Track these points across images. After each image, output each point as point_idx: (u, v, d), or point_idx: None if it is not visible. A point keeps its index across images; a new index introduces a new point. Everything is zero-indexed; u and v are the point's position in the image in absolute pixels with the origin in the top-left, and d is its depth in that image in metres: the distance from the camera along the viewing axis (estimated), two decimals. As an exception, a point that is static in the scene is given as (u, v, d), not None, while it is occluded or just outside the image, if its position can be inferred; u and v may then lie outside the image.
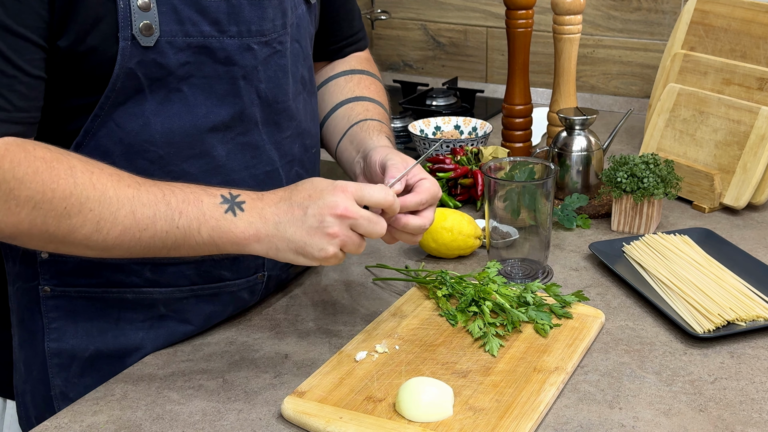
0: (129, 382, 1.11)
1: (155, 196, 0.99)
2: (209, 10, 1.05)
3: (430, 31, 2.41)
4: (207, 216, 1.00)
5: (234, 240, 1.01)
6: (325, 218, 1.00)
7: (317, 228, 1.00)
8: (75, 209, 0.96)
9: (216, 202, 1.01)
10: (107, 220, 0.97)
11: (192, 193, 1.01)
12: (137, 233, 0.99)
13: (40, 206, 0.94)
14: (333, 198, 1.00)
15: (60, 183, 0.95)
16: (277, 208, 1.02)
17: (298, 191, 1.03)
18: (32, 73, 0.97)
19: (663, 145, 1.66)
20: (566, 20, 1.60)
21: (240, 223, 1.01)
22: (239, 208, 1.01)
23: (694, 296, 1.22)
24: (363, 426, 0.98)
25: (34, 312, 1.15)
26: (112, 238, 0.98)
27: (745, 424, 1.00)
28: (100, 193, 0.97)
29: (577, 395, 1.06)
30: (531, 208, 1.29)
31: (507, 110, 1.72)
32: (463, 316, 1.19)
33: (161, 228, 0.99)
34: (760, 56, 1.62)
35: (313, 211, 1.00)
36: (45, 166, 0.95)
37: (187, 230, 1.00)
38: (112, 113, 1.05)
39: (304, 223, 1.00)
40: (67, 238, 0.97)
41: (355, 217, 1.00)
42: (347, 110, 1.31)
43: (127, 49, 1.01)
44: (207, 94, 1.08)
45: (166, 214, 0.99)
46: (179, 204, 1.00)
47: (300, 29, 1.19)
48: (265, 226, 1.01)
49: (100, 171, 0.98)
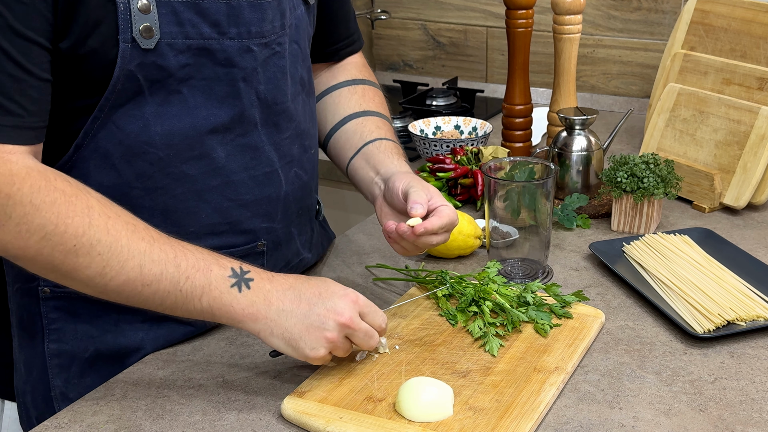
0: (129, 382, 1.11)
1: (166, 255, 0.98)
2: (209, 12, 1.05)
3: (430, 31, 2.41)
4: (212, 286, 1.00)
5: (232, 315, 1.01)
6: (328, 321, 1.01)
7: (317, 328, 1.00)
8: (84, 249, 0.94)
9: (225, 275, 1.00)
10: (113, 267, 0.96)
11: (203, 260, 1.00)
12: (140, 287, 0.98)
13: (50, 237, 0.93)
14: (342, 304, 1.01)
15: (75, 219, 0.94)
16: (284, 296, 1.02)
17: (309, 286, 1.03)
18: (41, 76, 0.97)
19: (663, 145, 1.66)
20: (566, 20, 1.60)
21: (243, 299, 1.00)
22: (246, 285, 1.01)
23: (694, 296, 1.22)
24: (363, 426, 0.98)
25: (33, 313, 1.15)
26: (114, 285, 0.97)
27: (745, 424, 1.00)
28: (112, 239, 0.96)
29: (577, 395, 1.06)
30: (531, 208, 1.29)
31: (507, 110, 1.72)
32: (463, 316, 1.19)
33: (164, 288, 0.98)
34: (760, 56, 1.62)
35: (318, 310, 1.01)
36: (63, 199, 0.94)
37: (189, 295, 0.99)
38: (111, 115, 1.05)
39: (306, 318, 1.01)
40: (69, 275, 0.96)
41: (356, 329, 1.02)
42: (358, 126, 1.31)
43: (127, 52, 1.01)
44: (207, 96, 1.08)
45: (173, 275, 0.98)
46: (188, 269, 0.99)
47: (299, 30, 1.19)
48: (267, 309, 1.01)
49: (117, 217, 0.97)
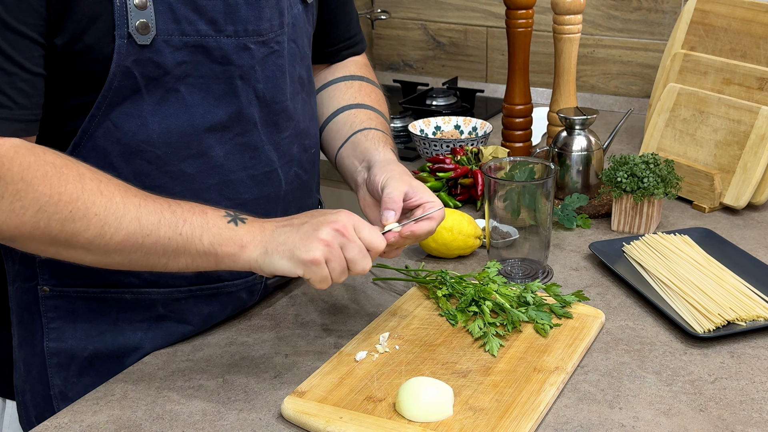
0: (129, 382, 1.11)
1: (161, 205, 1.01)
2: (206, 10, 1.05)
3: (430, 30, 2.41)
4: (210, 224, 1.01)
5: (232, 247, 1.01)
6: (321, 227, 1.01)
7: (311, 233, 1.00)
8: (80, 213, 0.96)
9: (220, 215, 1.03)
10: (111, 225, 0.97)
11: (198, 205, 1.03)
12: (140, 239, 0.99)
13: (45, 209, 0.95)
14: (335, 216, 1.02)
15: (68, 187, 0.96)
16: (277, 223, 1.04)
17: (302, 215, 1.06)
18: (33, 70, 0.97)
19: (663, 145, 1.66)
20: (566, 20, 1.60)
21: (240, 230, 1.02)
22: (241, 221, 1.03)
23: (694, 296, 1.22)
24: (363, 426, 0.98)
25: (33, 312, 1.15)
26: (115, 243, 0.98)
27: (745, 424, 0.99)
28: (107, 199, 0.97)
29: (577, 395, 1.06)
30: (531, 208, 1.29)
31: (507, 110, 1.72)
32: (463, 316, 1.19)
33: (164, 234, 1.00)
34: (760, 56, 1.62)
35: (311, 223, 1.02)
36: (54, 171, 0.95)
37: (189, 237, 1.00)
38: (109, 113, 1.05)
39: (298, 231, 1.01)
40: (69, 242, 0.97)
41: (350, 238, 1.01)
42: (349, 116, 1.30)
43: (123, 48, 1.01)
44: (204, 94, 1.08)
45: (170, 220, 1.00)
46: (184, 213, 1.01)
47: (296, 29, 1.19)
48: (263, 234, 1.02)
49: (108, 180, 0.99)
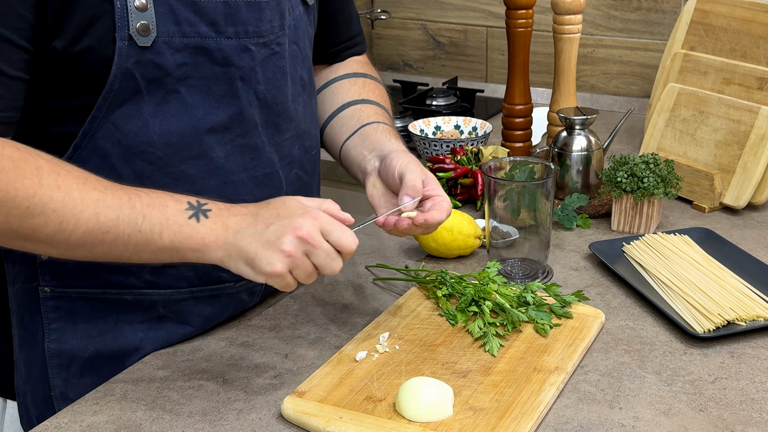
0: (129, 382, 1.11)
1: (120, 200, 0.98)
2: (206, 11, 1.05)
3: (430, 30, 2.41)
4: (170, 221, 0.99)
5: (194, 246, 0.99)
6: (284, 236, 0.98)
7: (273, 243, 0.98)
8: (38, 209, 0.94)
9: (181, 208, 1.00)
10: (70, 221, 0.95)
11: (158, 198, 1.00)
12: (100, 236, 0.97)
13: (3, 205, 0.93)
14: (300, 220, 0.99)
15: (25, 182, 0.93)
16: (242, 219, 1.00)
17: (268, 208, 1.02)
18: (9, 73, 0.96)
19: (663, 145, 1.66)
20: (566, 20, 1.60)
21: (202, 229, 0.99)
22: (204, 215, 1.00)
23: (694, 296, 1.22)
24: (363, 426, 0.98)
25: (33, 313, 1.15)
26: (76, 239, 0.97)
27: (745, 424, 1.00)
28: (64, 194, 0.95)
29: (577, 395, 1.06)
30: (531, 208, 1.29)
31: (507, 110, 1.72)
32: (463, 316, 1.19)
33: (123, 231, 0.97)
34: (760, 56, 1.62)
35: (275, 228, 0.99)
36: (11, 165, 0.93)
37: (149, 234, 0.98)
38: (109, 115, 1.05)
39: (261, 236, 0.98)
40: (30, 237, 0.96)
41: (315, 245, 0.98)
42: (356, 111, 1.30)
43: (124, 49, 1.01)
44: (205, 96, 1.08)
45: (129, 217, 0.97)
46: (144, 208, 0.98)
47: (298, 30, 1.19)
48: (225, 233, 0.99)
49: (67, 173, 0.97)
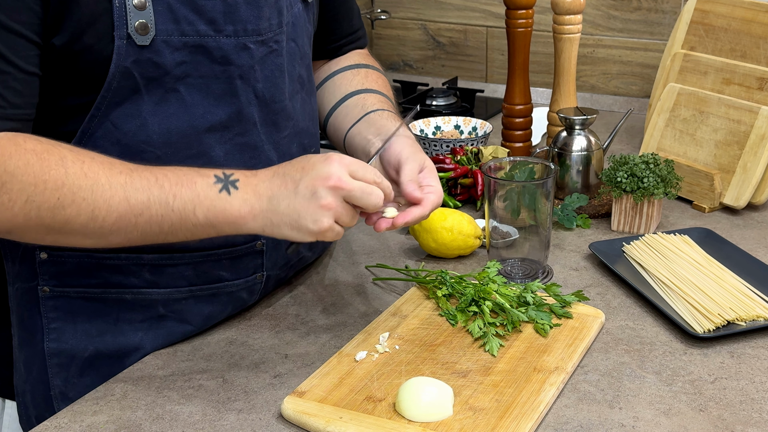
0: (129, 382, 1.11)
1: (148, 181, 0.98)
2: (205, 10, 1.05)
3: (430, 30, 2.41)
4: (201, 197, 0.99)
5: (230, 219, 0.99)
6: (317, 190, 0.98)
7: (310, 199, 0.98)
8: (68, 199, 0.95)
9: (210, 183, 1.00)
10: (101, 207, 0.96)
11: (185, 175, 1.00)
12: (133, 219, 0.97)
13: (33, 199, 0.94)
14: (326, 169, 0.98)
15: (51, 174, 0.94)
16: (271, 183, 1.00)
17: (291, 165, 1.01)
18: (26, 69, 0.97)
19: (663, 145, 1.66)
20: (566, 20, 1.60)
21: (235, 201, 0.99)
22: (233, 186, 1.00)
23: (694, 296, 1.22)
24: (363, 426, 0.98)
25: (33, 312, 1.15)
26: (109, 225, 0.97)
27: (745, 424, 0.99)
28: (92, 182, 0.96)
29: (577, 395, 1.06)
30: (531, 208, 1.29)
31: (507, 110, 1.72)
32: (463, 316, 1.19)
33: (156, 212, 0.98)
34: (760, 56, 1.62)
35: (305, 183, 0.98)
36: (36, 158, 0.94)
37: (182, 213, 0.98)
38: (109, 114, 1.05)
39: (296, 195, 0.98)
40: (64, 229, 0.96)
41: (349, 188, 0.98)
42: (360, 99, 1.30)
43: (123, 48, 1.01)
44: (204, 94, 1.08)
45: (159, 197, 0.98)
46: (172, 187, 0.99)
47: (296, 28, 1.19)
48: (259, 202, 0.99)
49: (91, 160, 0.97)
